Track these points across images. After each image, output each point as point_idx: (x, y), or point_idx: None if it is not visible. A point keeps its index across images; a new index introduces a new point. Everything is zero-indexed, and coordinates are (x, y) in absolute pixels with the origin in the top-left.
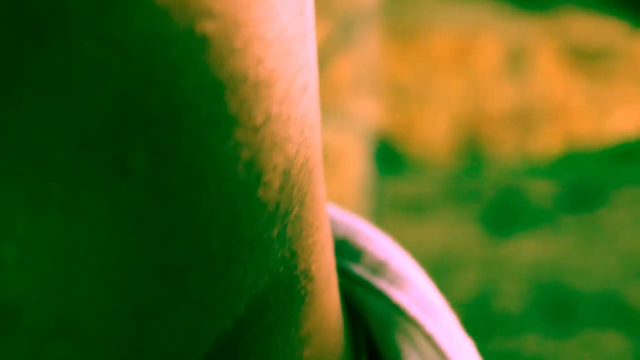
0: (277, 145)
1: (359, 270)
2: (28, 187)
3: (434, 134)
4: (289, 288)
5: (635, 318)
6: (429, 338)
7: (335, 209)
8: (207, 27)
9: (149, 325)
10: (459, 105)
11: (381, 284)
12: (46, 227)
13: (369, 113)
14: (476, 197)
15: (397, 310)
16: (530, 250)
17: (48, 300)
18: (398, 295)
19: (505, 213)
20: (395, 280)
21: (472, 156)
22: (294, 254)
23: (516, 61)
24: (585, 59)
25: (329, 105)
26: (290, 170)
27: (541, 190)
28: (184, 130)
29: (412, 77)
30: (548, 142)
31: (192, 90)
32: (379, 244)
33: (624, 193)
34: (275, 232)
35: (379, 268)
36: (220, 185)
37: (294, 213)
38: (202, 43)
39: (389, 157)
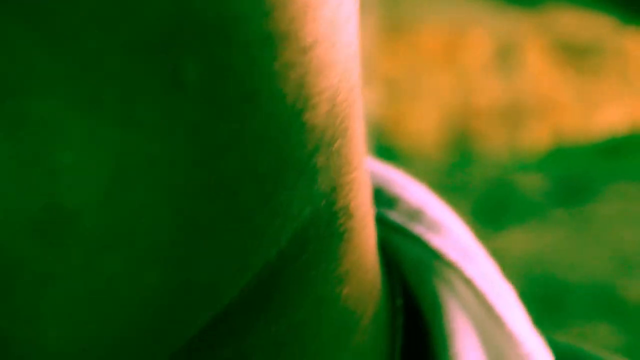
0: (324, 70)
1: (394, 216)
2: (82, 92)
3: (423, 127)
4: (328, 223)
5: (625, 311)
6: (468, 282)
7: (370, 159)
8: None
9: (199, 245)
10: (449, 100)
11: (418, 229)
12: (101, 135)
13: (365, 104)
14: (466, 190)
15: (435, 255)
16: (520, 244)
17: (103, 209)
18: (436, 240)
19: (495, 206)
20: (432, 226)
21: (462, 150)
22: (334, 189)
23: (505, 56)
24: (574, 54)
25: None
26: (335, 99)
27: (530, 184)
28: (236, 44)
29: (402, 71)
30: (537, 136)
31: (244, 4)
32: (415, 191)
33: (612, 188)
34: (319, 162)
35: (415, 214)
36: (271, 103)
37: (336, 145)
38: None
39: (379, 150)
